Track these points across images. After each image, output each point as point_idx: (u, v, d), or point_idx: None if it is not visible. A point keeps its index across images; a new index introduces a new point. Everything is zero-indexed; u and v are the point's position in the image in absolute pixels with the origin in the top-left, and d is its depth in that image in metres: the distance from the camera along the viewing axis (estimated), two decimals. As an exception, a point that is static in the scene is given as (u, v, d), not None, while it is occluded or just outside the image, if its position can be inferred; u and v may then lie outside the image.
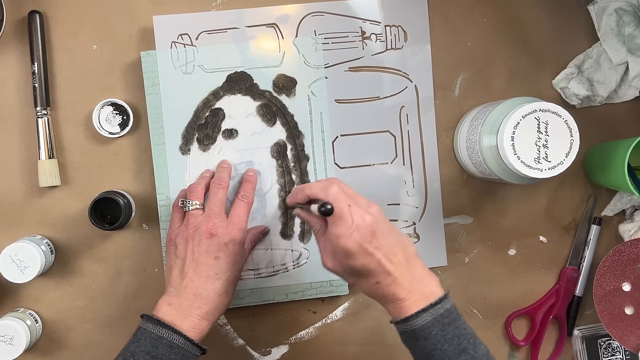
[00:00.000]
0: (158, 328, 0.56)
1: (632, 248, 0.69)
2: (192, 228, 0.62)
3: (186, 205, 0.64)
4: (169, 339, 0.55)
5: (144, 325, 0.57)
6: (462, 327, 0.53)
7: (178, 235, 0.62)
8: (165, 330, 0.56)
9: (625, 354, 0.74)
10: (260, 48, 0.70)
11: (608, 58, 0.71)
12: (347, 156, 0.72)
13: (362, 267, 0.53)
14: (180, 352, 0.56)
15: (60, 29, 0.69)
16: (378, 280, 0.53)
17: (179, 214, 0.65)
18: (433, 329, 0.52)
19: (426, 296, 0.53)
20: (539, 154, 0.60)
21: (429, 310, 0.52)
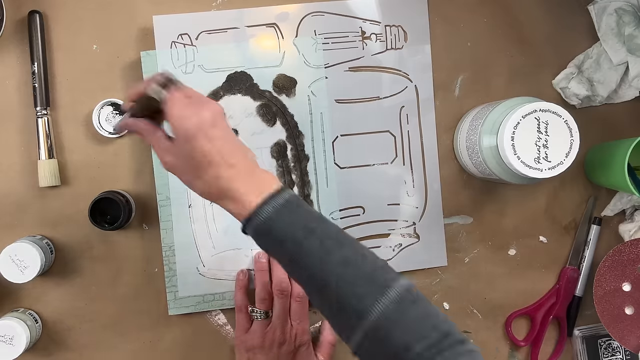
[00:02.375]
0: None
1: (632, 248, 0.69)
2: (269, 341, 0.66)
3: (257, 316, 0.67)
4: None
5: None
6: (306, 212, 0.52)
7: (256, 345, 0.67)
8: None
9: (625, 354, 0.74)
10: (260, 48, 0.70)
11: (608, 58, 0.71)
12: (347, 156, 0.72)
13: (202, 156, 0.51)
14: None
15: (60, 29, 0.69)
16: (218, 173, 0.52)
17: (245, 317, 0.68)
18: (278, 218, 0.51)
19: (266, 190, 0.52)
20: (539, 154, 0.60)
21: (270, 202, 0.51)
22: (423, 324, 0.47)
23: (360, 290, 0.49)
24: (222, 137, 0.52)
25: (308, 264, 0.51)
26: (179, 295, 0.70)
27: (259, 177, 0.53)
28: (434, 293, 0.73)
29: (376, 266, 0.50)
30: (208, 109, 0.52)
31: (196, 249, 0.70)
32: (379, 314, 0.47)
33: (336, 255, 0.50)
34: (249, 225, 0.52)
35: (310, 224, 0.51)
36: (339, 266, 0.50)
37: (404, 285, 0.48)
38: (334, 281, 0.49)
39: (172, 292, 0.70)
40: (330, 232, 0.51)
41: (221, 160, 0.52)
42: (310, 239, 0.51)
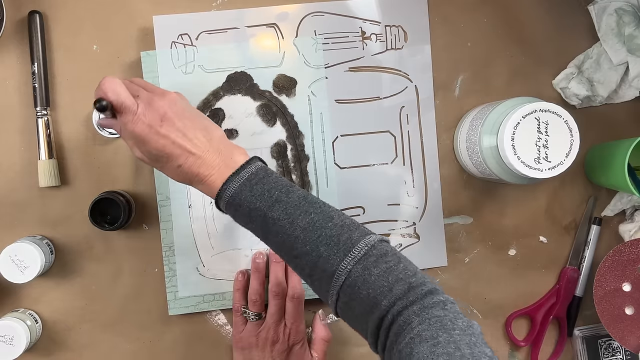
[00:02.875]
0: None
1: (632, 248, 0.69)
2: (262, 340, 0.67)
3: (249, 317, 0.68)
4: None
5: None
6: (272, 182, 0.53)
7: (251, 345, 0.67)
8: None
9: (625, 354, 0.74)
10: (260, 48, 0.70)
11: (608, 58, 0.71)
12: (347, 156, 0.72)
13: (158, 152, 0.54)
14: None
15: (60, 29, 0.69)
16: (179, 163, 0.54)
17: (241, 319, 0.69)
18: (242, 193, 0.53)
19: (230, 167, 0.54)
20: (539, 154, 0.60)
21: (233, 179, 0.53)
22: (386, 278, 0.47)
23: (326, 252, 0.50)
24: (175, 129, 0.54)
25: (276, 233, 0.52)
26: (179, 295, 0.70)
27: (225, 155, 0.55)
28: (434, 293, 0.73)
29: (343, 226, 0.51)
30: (154, 107, 0.53)
31: (196, 249, 0.70)
32: (346, 273, 0.48)
33: (301, 221, 0.51)
34: (219, 203, 0.54)
35: (274, 194, 0.52)
36: (304, 231, 0.51)
37: (369, 242, 0.49)
38: (301, 246, 0.51)
39: (172, 292, 0.70)
40: (294, 199, 0.52)
41: (180, 151, 0.54)
42: (275, 208, 0.52)
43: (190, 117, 0.55)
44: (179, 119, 0.54)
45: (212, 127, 0.56)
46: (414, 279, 0.47)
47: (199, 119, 0.56)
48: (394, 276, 0.47)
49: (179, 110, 0.55)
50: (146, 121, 0.53)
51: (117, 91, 0.54)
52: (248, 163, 0.55)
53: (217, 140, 0.55)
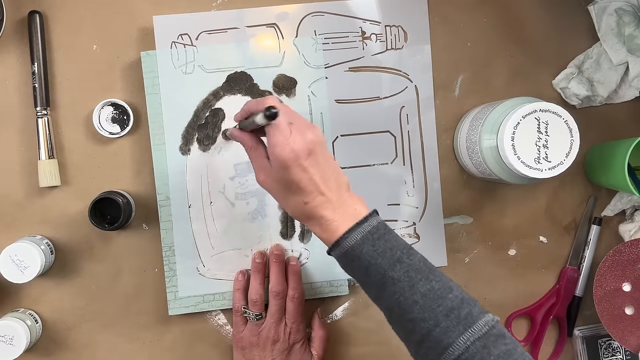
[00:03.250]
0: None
1: (632, 248, 0.69)
2: (263, 339, 0.67)
3: (250, 317, 0.67)
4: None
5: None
6: (393, 240, 0.53)
7: (252, 344, 0.67)
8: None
9: (625, 354, 0.74)
10: (260, 48, 0.70)
11: (608, 58, 0.71)
12: (347, 156, 0.72)
13: (293, 182, 0.53)
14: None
15: (60, 29, 0.69)
16: (307, 199, 0.53)
17: (241, 319, 0.68)
18: (364, 246, 0.52)
19: (353, 216, 0.54)
20: (539, 154, 0.60)
21: (356, 229, 0.53)
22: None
23: (444, 323, 0.49)
24: (317, 166, 0.53)
25: (392, 292, 0.51)
26: (179, 295, 0.70)
27: (348, 204, 0.54)
28: (434, 293, 0.73)
29: (463, 300, 0.50)
30: (306, 139, 0.52)
31: (196, 249, 0.70)
32: (463, 349, 0.47)
33: (421, 286, 0.50)
34: (335, 250, 0.53)
35: (396, 253, 0.52)
36: (424, 297, 0.50)
37: (489, 322, 0.48)
38: (419, 312, 0.50)
39: (172, 292, 0.70)
40: (416, 262, 0.52)
41: (312, 188, 0.53)
42: (396, 268, 0.51)
43: (329, 159, 0.55)
44: (323, 157, 0.53)
45: (341, 172, 0.56)
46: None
47: (333, 162, 0.55)
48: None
49: (323, 150, 0.54)
50: (295, 149, 0.52)
51: (283, 109, 0.53)
52: (370, 215, 0.54)
53: (344, 187, 0.55)
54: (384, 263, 0.51)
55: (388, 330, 0.72)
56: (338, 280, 0.71)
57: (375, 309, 0.72)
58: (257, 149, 0.57)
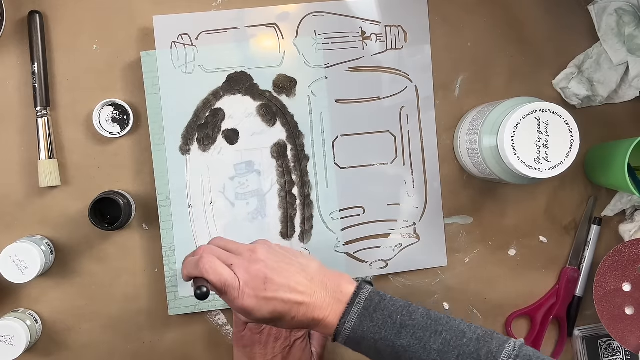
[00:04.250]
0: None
1: (632, 248, 0.69)
2: (265, 337, 0.65)
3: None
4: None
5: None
6: (390, 306, 0.52)
7: (253, 342, 0.66)
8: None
9: (625, 354, 0.74)
10: (260, 48, 0.70)
11: (608, 58, 0.71)
12: (347, 156, 0.72)
13: (270, 315, 0.52)
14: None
15: (60, 29, 0.69)
16: (292, 315, 0.52)
17: (240, 319, 0.68)
18: (363, 325, 0.51)
19: (342, 301, 0.52)
20: (539, 154, 0.60)
21: (349, 312, 0.51)
22: None
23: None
24: (279, 287, 0.52)
25: (409, 359, 0.50)
26: (179, 295, 0.70)
27: (332, 289, 0.53)
28: (433, 293, 0.73)
29: (479, 340, 0.49)
30: (253, 274, 0.51)
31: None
32: None
33: (434, 343, 0.49)
34: (339, 340, 0.52)
35: (397, 320, 0.51)
36: (440, 354, 0.49)
37: (511, 353, 0.48)
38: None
39: (172, 292, 0.70)
40: (419, 320, 0.51)
41: (289, 306, 0.52)
42: (402, 335, 0.50)
43: (285, 264, 0.53)
44: (278, 274, 0.52)
45: (306, 261, 0.55)
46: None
47: (292, 260, 0.54)
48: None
49: (275, 265, 0.53)
50: (252, 293, 0.51)
51: (218, 271, 0.52)
52: (359, 289, 0.53)
53: (317, 275, 0.54)
54: (389, 334, 0.50)
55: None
56: (338, 280, 0.71)
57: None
58: (223, 297, 0.55)
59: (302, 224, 0.71)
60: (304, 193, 0.71)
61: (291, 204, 0.71)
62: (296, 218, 0.71)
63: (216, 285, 0.52)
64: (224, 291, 0.52)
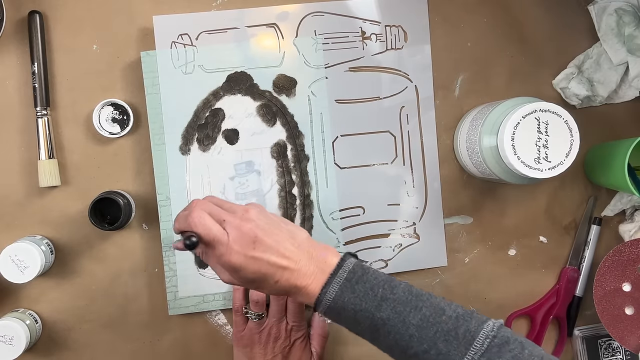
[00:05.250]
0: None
1: (632, 248, 0.69)
2: (265, 337, 0.67)
3: (252, 317, 0.67)
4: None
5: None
6: (372, 279, 0.52)
7: (253, 342, 0.67)
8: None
9: (625, 354, 0.74)
10: (260, 48, 0.70)
11: (608, 58, 0.71)
12: (347, 156, 0.72)
13: (255, 275, 0.52)
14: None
15: (60, 29, 0.69)
16: (276, 279, 0.53)
17: (241, 318, 0.68)
18: (344, 295, 0.51)
19: (325, 271, 0.53)
20: (539, 154, 0.60)
21: (332, 282, 0.52)
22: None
23: (445, 349, 0.48)
24: (267, 248, 0.52)
25: (387, 333, 0.50)
26: (179, 295, 0.70)
27: (317, 259, 0.53)
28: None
29: (458, 318, 0.49)
30: (245, 232, 0.52)
31: (196, 249, 0.70)
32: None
33: (413, 318, 0.50)
34: (319, 309, 0.53)
35: (378, 292, 0.51)
36: (418, 329, 0.49)
37: (489, 333, 0.48)
38: (417, 345, 0.49)
39: (172, 292, 0.70)
40: (400, 294, 0.51)
41: (274, 269, 0.52)
42: (382, 308, 0.50)
43: (275, 229, 0.54)
44: (268, 236, 0.53)
45: (296, 230, 0.55)
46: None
47: (282, 226, 0.55)
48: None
49: (265, 227, 0.53)
50: (240, 250, 0.52)
51: (207, 225, 0.52)
52: (342, 261, 0.53)
53: (305, 244, 0.54)
54: (369, 306, 0.51)
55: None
56: (338, 280, 0.71)
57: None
58: (209, 253, 0.55)
59: (302, 224, 0.71)
60: (304, 193, 0.71)
61: (291, 204, 0.71)
62: (296, 218, 0.71)
63: (204, 239, 0.52)
64: (212, 245, 0.52)
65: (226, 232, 0.52)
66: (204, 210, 0.53)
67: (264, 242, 0.52)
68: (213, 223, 0.53)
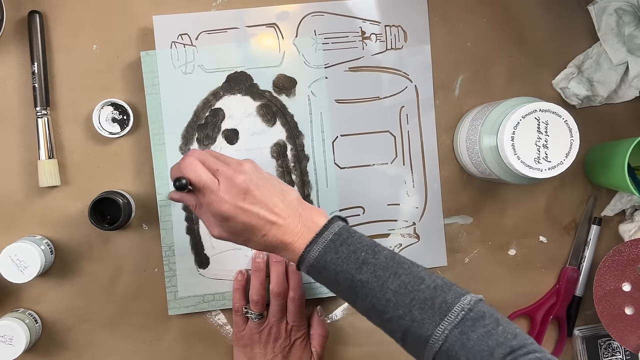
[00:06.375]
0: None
1: (632, 248, 0.69)
2: (265, 337, 0.67)
3: (252, 317, 0.68)
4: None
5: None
6: (356, 242, 0.53)
7: (253, 342, 0.68)
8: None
9: (625, 354, 0.74)
10: (260, 48, 0.70)
11: (608, 58, 0.71)
12: (347, 156, 0.72)
13: (244, 226, 0.53)
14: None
15: (60, 29, 0.69)
16: (264, 232, 0.53)
17: (241, 318, 0.68)
18: (327, 255, 0.52)
19: (312, 230, 0.54)
20: (539, 154, 0.60)
21: (316, 241, 0.53)
22: (486, 343, 0.46)
23: (420, 317, 0.49)
24: (257, 202, 0.53)
25: (365, 296, 0.51)
26: (179, 295, 0.70)
27: (305, 218, 0.54)
28: (434, 293, 0.73)
29: (436, 288, 0.50)
30: (237, 182, 0.53)
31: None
32: (442, 339, 0.47)
33: (392, 283, 0.50)
34: (302, 266, 0.53)
35: (360, 255, 0.51)
36: (396, 294, 0.50)
37: (465, 306, 0.48)
38: (393, 310, 0.50)
39: (172, 292, 0.70)
40: (382, 260, 0.51)
41: (262, 222, 0.53)
42: (363, 271, 0.51)
43: (268, 184, 0.55)
44: (259, 190, 0.53)
45: (287, 189, 0.56)
46: (515, 341, 0.46)
47: (275, 184, 0.55)
48: (494, 340, 0.46)
49: (258, 181, 0.54)
50: (230, 200, 0.52)
51: (197, 171, 0.53)
52: (330, 223, 0.54)
53: (294, 203, 0.55)
54: (350, 268, 0.51)
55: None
56: (338, 280, 0.71)
57: (375, 309, 0.72)
58: (201, 207, 0.57)
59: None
60: (304, 193, 0.71)
61: (291, 204, 0.71)
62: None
63: (196, 186, 0.53)
64: (203, 192, 0.53)
65: (218, 180, 0.53)
66: (197, 159, 0.55)
67: (254, 195, 0.53)
68: (204, 170, 0.54)
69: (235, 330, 0.69)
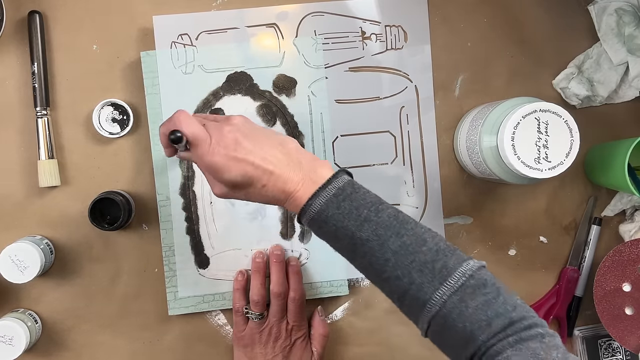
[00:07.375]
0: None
1: (632, 248, 0.69)
2: (265, 337, 0.67)
3: (252, 317, 0.67)
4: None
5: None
6: (360, 198, 0.51)
7: (254, 342, 0.68)
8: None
9: (625, 354, 0.74)
10: (260, 48, 0.70)
11: (608, 58, 0.71)
12: (347, 156, 0.72)
13: (241, 177, 0.52)
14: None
15: (60, 29, 0.69)
16: (263, 183, 0.52)
17: (242, 319, 0.68)
18: (329, 209, 0.51)
19: (315, 182, 0.52)
20: (539, 154, 0.60)
21: (320, 194, 0.51)
22: (485, 312, 0.45)
23: (419, 279, 0.47)
24: (250, 151, 0.52)
25: (364, 253, 0.50)
26: (179, 295, 0.70)
27: (307, 168, 0.53)
28: (434, 293, 0.73)
29: (438, 252, 0.48)
30: (225, 133, 0.52)
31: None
32: (440, 304, 0.46)
33: (392, 243, 0.49)
34: (302, 218, 0.52)
35: (363, 212, 0.50)
36: (396, 255, 0.48)
37: (466, 272, 0.46)
38: (392, 270, 0.48)
39: (172, 292, 0.70)
40: (385, 218, 0.50)
41: (260, 172, 0.52)
42: (364, 228, 0.50)
43: (262, 136, 0.54)
44: (250, 140, 0.53)
45: (286, 139, 0.55)
46: (515, 313, 0.45)
47: (270, 135, 0.55)
48: (493, 310, 0.45)
49: (248, 132, 0.54)
50: (222, 151, 0.52)
51: (189, 123, 0.53)
52: (334, 177, 0.53)
53: (294, 152, 0.54)
54: (350, 224, 0.50)
55: (388, 331, 0.72)
56: (338, 281, 0.71)
57: (375, 310, 0.72)
58: (196, 148, 0.56)
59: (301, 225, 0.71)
60: (304, 193, 0.71)
61: (291, 204, 0.71)
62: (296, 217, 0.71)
63: (188, 137, 0.53)
64: (195, 144, 0.53)
65: (208, 133, 0.53)
66: (187, 112, 0.55)
67: (245, 144, 0.52)
68: (195, 123, 0.53)
69: (235, 330, 0.69)
